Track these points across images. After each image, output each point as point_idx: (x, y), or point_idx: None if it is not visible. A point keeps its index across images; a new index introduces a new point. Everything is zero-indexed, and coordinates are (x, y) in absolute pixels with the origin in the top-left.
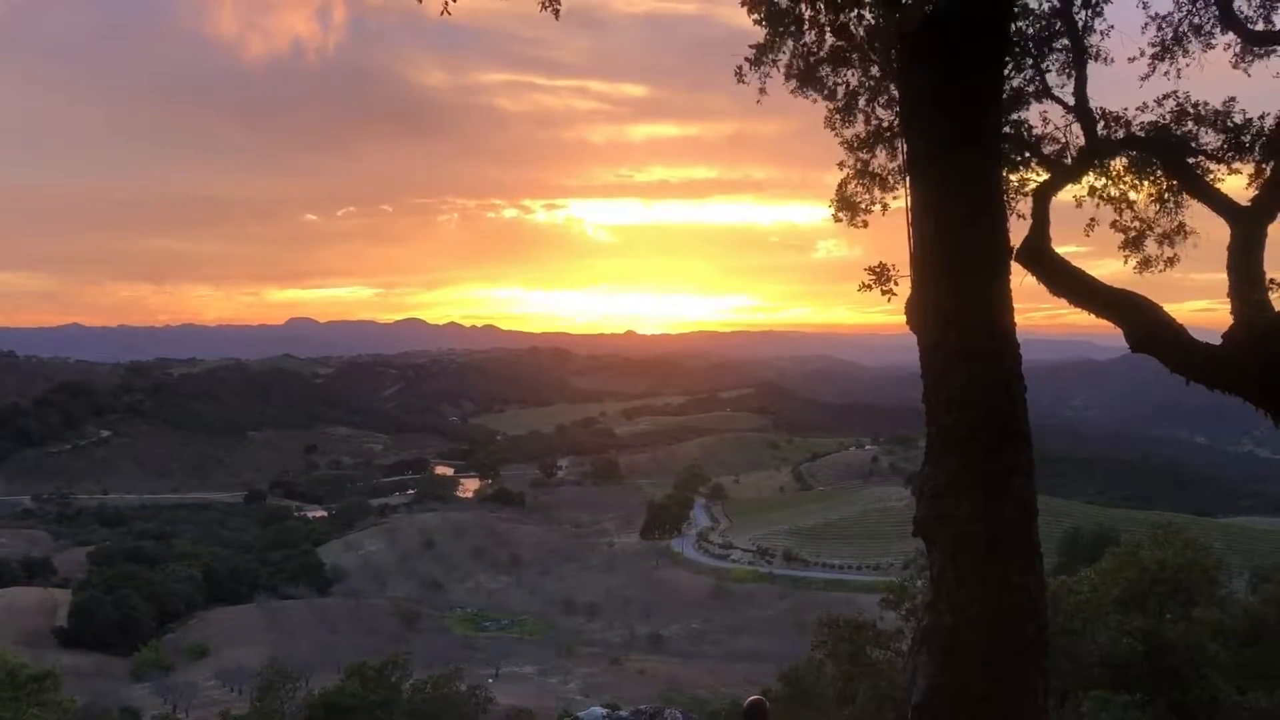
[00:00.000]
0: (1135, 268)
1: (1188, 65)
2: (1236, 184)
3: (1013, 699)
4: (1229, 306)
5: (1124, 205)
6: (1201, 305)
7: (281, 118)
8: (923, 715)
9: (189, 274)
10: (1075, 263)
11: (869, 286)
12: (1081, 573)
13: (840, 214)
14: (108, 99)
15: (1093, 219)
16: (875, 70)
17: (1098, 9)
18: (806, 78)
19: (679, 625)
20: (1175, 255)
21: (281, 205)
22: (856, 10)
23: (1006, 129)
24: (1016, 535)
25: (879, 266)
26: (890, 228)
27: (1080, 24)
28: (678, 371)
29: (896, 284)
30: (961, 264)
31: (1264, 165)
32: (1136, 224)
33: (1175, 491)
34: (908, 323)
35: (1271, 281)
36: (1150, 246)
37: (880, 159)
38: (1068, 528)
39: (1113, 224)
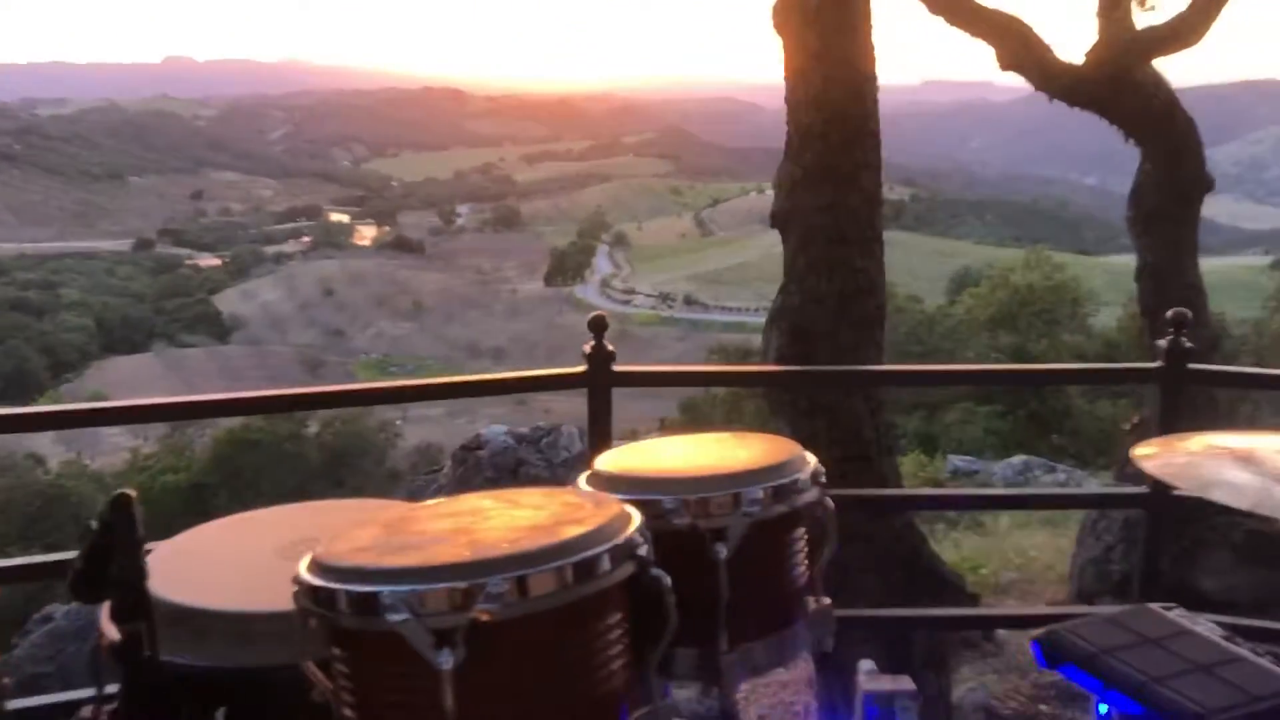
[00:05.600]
0: None
1: None
2: None
3: (849, 365)
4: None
5: None
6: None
7: None
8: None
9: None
10: None
11: None
12: (959, 299)
13: None
14: None
15: None
16: None
17: None
18: None
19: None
20: None
21: None
22: None
23: None
24: (860, 224)
25: None
26: None
27: None
28: (579, 115)
29: None
30: None
31: None
32: None
33: (1063, 231)
34: (774, 25)
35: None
36: None
37: None
38: (957, 267)
39: None
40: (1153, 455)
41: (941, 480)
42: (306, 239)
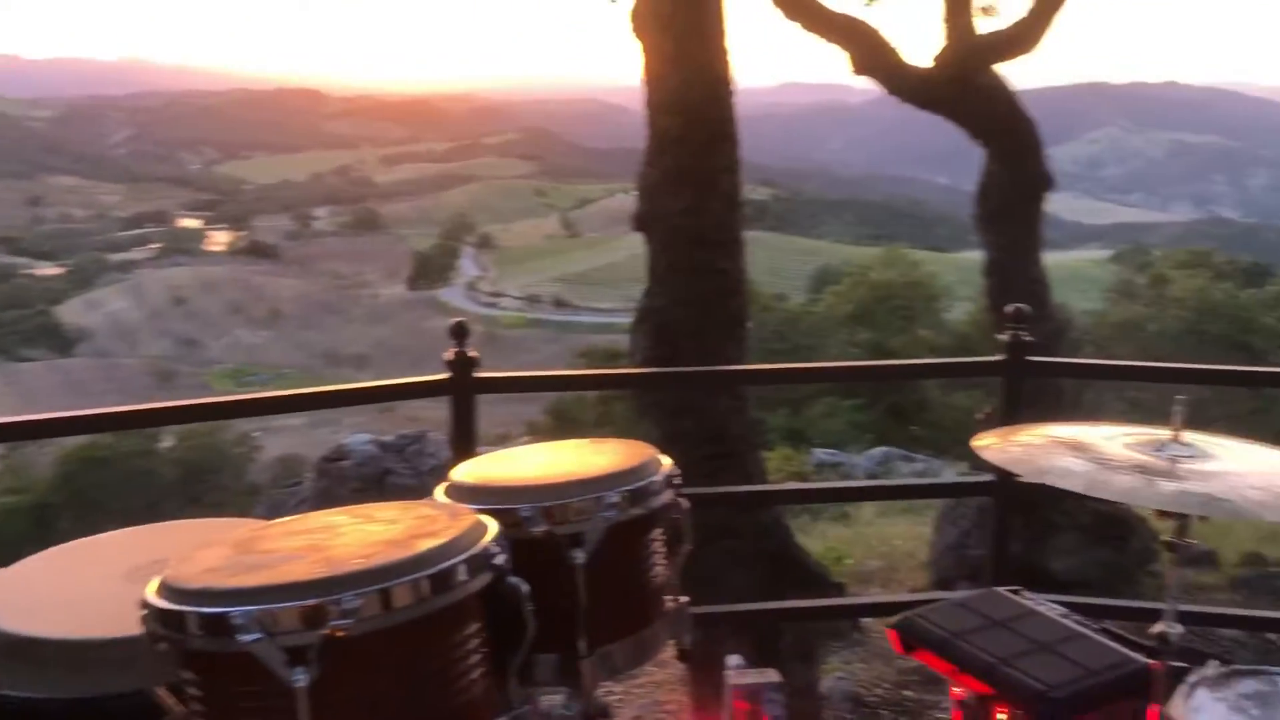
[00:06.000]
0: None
1: None
2: None
3: (714, 364)
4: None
5: None
6: None
7: None
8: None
9: None
10: None
11: None
12: (820, 297)
13: None
14: None
15: None
16: None
17: None
18: None
19: None
20: None
21: None
22: None
23: None
24: (721, 226)
25: None
26: None
27: None
28: (439, 116)
29: None
30: None
31: None
32: None
33: (918, 229)
34: (633, 29)
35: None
36: None
37: None
38: (819, 265)
39: None
40: (992, 445)
41: (807, 473)
42: (155, 245)
